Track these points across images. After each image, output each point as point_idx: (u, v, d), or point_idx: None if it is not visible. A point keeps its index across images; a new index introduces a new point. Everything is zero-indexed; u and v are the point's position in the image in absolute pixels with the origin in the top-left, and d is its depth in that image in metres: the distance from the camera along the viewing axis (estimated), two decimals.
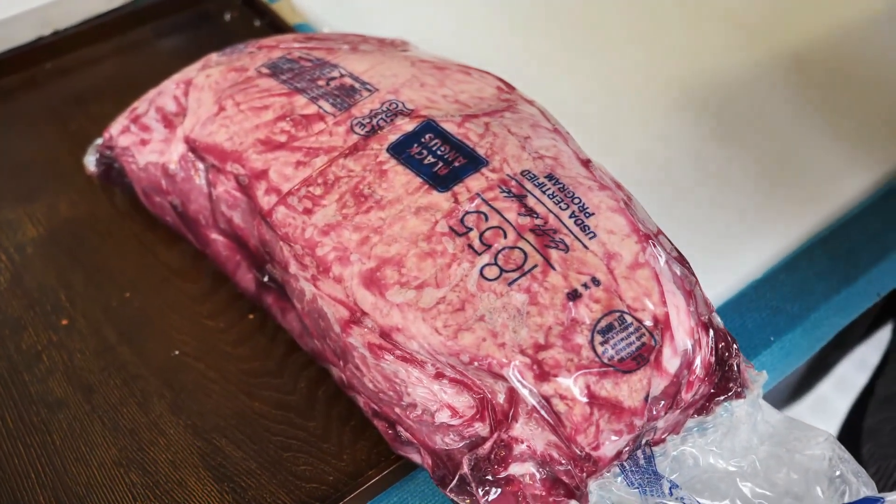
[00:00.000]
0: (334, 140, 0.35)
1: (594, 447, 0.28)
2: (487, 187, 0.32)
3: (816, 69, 0.50)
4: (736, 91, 0.49)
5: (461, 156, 0.33)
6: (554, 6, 0.55)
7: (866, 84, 0.49)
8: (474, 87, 0.38)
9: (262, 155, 0.36)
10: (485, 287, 0.29)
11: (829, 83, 0.50)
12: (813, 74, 0.50)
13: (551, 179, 0.32)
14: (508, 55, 0.52)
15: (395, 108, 0.36)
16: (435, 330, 0.29)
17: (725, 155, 0.46)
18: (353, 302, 0.31)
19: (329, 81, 0.38)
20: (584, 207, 0.31)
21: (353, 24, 0.52)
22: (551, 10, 0.55)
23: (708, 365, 0.31)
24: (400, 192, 0.32)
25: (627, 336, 0.28)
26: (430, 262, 0.30)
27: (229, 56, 0.42)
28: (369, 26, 0.52)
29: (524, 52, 0.53)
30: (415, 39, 0.45)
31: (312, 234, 0.33)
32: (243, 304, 0.40)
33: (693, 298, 0.31)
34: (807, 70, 0.51)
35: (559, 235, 0.30)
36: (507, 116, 0.35)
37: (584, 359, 0.28)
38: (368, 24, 0.52)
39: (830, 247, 0.42)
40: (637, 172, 0.44)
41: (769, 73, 0.50)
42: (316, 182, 0.34)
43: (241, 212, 0.37)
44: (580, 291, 0.29)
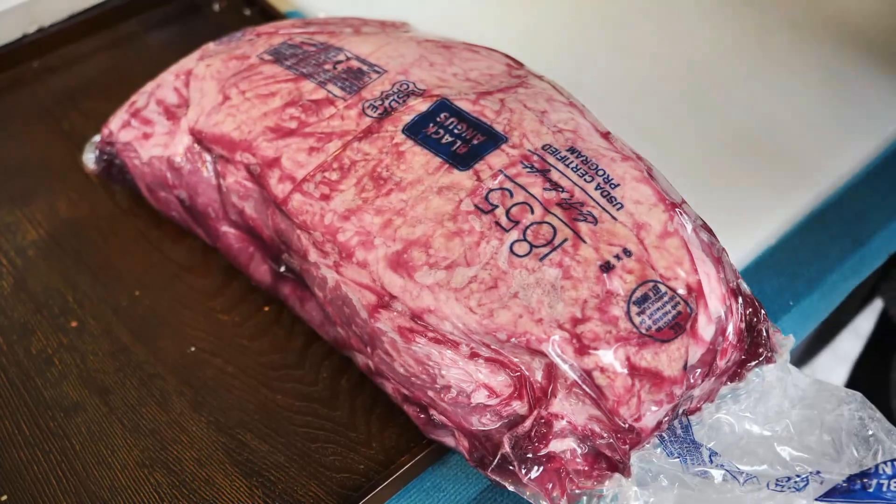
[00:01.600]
0: (347, 124, 0.35)
1: (636, 419, 0.28)
2: (510, 163, 0.31)
3: (817, 30, 0.51)
4: (741, 66, 0.49)
5: (479, 133, 0.33)
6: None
7: (868, 45, 0.50)
8: (483, 65, 0.37)
9: (273, 143, 0.35)
10: (516, 263, 0.29)
11: (831, 49, 0.50)
12: (814, 39, 0.50)
13: (573, 152, 0.32)
14: (499, 31, 0.51)
15: (406, 88, 0.35)
16: (469, 309, 0.28)
17: (733, 126, 0.46)
18: (381, 286, 0.30)
19: (336, 65, 0.37)
20: (609, 179, 0.31)
21: (345, 9, 0.51)
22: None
23: (739, 331, 0.31)
24: (420, 172, 0.32)
25: (663, 305, 0.28)
26: (457, 241, 0.30)
27: (227, 45, 0.42)
28: (363, 11, 0.51)
29: (507, 28, 0.52)
30: (411, 21, 0.45)
31: (332, 219, 0.32)
32: (258, 297, 0.39)
33: (722, 265, 0.31)
34: (807, 36, 0.51)
35: (587, 208, 0.30)
36: (520, 92, 0.35)
37: (622, 330, 0.27)
38: (362, 9, 0.52)
39: (842, 210, 0.42)
40: (647, 148, 0.44)
41: (773, 40, 0.50)
42: (331, 167, 0.33)
43: (253, 202, 0.36)
44: (613, 263, 0.29)
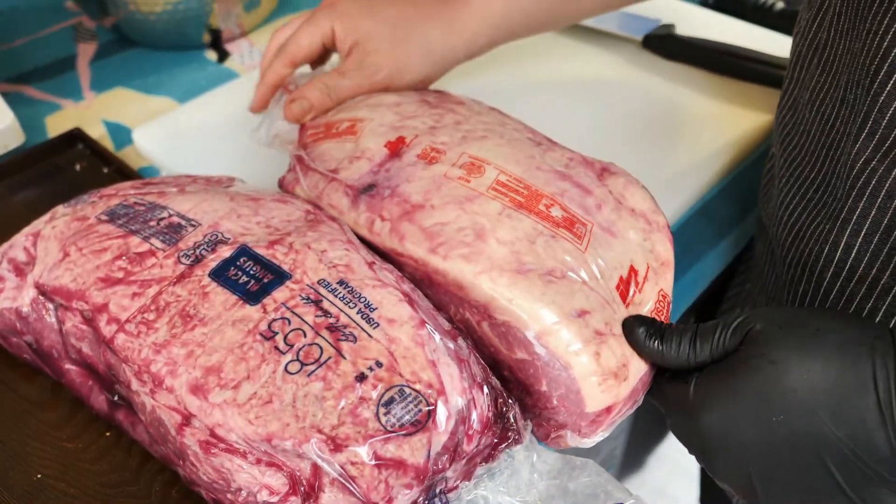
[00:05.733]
0: (164, 271, 0.41)
1: (388, 501, 0.34)
2: (291, 297, 0.38)
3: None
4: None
5: (269, 273, 0.40)
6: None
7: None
8: (284, 213, 0.45)
9: (103, 291, 0.41)
10: (289, 380, 0.35)
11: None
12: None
13: (342, 284, 0.39)
14: None
15: (215, 238, 0.42)
16: (249, 421, 0.35)
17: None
18: (184, 407, 0.36)
19: (159, 221, 0.44)
20: (369, 304, 0.38)
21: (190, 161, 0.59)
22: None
23: (485, 419, 0.38)
24: (219, 309, 0.39)
25: (407, 405, 0.35)
26: (243, 364, 0.36)
27: (74, 207, 0.48)
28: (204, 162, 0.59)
29: None
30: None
31: (148, 353, 0.38)
32: (100, 424, 0.45)
33: (467, 365, 0.38)
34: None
35: (349, 329, 0.37)
36: (308, 235, 0.42)
37: (370, 429, 0.34)
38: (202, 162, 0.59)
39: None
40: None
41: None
42: (149, 309, 0.40)
43: (88, 342, 0.42)
44: (366, 374, 0.36)
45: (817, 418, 0.33)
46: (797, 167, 0.47)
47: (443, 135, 0.47)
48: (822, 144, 0.44)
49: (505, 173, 0.44)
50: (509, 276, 0.40)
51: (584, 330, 0.39)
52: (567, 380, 0.39)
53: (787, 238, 0.47)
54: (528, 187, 0.43)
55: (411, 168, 0.45)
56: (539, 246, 0.41)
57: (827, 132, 0.44)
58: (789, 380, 0.33)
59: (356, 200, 0.44)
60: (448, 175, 0.43)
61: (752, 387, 0.34)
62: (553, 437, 0.43)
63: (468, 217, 0.42)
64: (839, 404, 0.32)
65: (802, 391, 0.33)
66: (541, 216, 0.42)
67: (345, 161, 0.47)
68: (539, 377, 0.41)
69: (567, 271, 0.40)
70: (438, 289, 0.42)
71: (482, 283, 0.39)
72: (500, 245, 0.40)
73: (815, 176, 0.45)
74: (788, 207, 0.47)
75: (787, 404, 0.33)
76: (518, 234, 0.41)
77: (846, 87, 0.42)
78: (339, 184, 0.45)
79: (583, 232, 0.42)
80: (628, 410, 0.42)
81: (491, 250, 0.40)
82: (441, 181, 0.43)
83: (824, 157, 0.44)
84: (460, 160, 0.44)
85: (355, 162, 0.46)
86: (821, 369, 0.33)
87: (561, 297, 0.40)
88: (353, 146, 0.48)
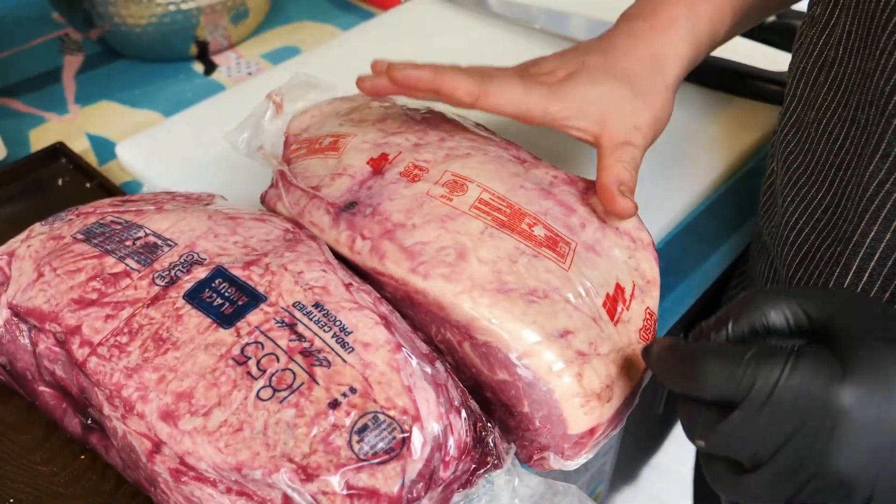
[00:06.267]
0: (139, 293, 0.41)
1: None
2: (265, 320, 0.38)
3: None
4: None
5: (244, 295, 0.39)
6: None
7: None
8: (262, 232, 0.44)
9: (76, 313, 0.41)
10: (260, 407, 0.35)
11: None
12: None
13: (317, 307, 0.38)
14: None
15: (191, 258, 0.42)
16: (218, 450, 0.34)
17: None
18: (154, 434, 0.36)
19: (135, 241, 0.43)
20: (344, 327, 0.37)
21: (174, 176, 0.58)
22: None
23: (463, 444, 0.37)
24: (193, 332, 0.38)
25: (380, 432, 0.34)
26: (214, 390, 0.35)
27: (51, 224, 0.48)
28: (187, 177, 0.58)
29: None
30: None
31: (119, 377, 0.38)
32: (75, 447, 0.44)
33: (444, 389, 0.37)
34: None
35: (323, 354, 0.36)
36: (286, 256, 0.42)
37: (342, 458, 0.33)
38: (187, 176, 0.58)
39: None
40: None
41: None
42: (122, 332, 0.39)
43: (61, 364, 0.42)
44: (339, 400, 0.35)
45: None
46: (803, 186, 0.46)
47: (426, 152, 0.46)
48: (830, 164, 0.43)
49: (488, 191, 0.43)
50: (490, 295, 0.39)
51: (567, 350, 0.39)
52: (549, 401, 0.39)
53: (795, 259, 0.46)
54: (511, 206, 0.43)
55: (393, 186, 0.44)
56: (521, 265, 0.40)
57: (836, 152, 0.43)
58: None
59: (337, 218, 0.43)
60: (430, 193, 0.43)
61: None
62: (536, 460, 0.42)
63: (450, 236, 0.41)
64: None
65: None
66: (523, 235, 0.41)
67: (326, 178, 0.46)
68: (521, 398, 0.40)
69: (550, 291, 0.40)
70: (419, 309, 0.41)
71: (463, 303, 0.39)
72: (482, 264, 0.40)
73: (824, 196, 0.44)
74: (795, 227, 0.46)
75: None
76: (500, 253, 0.40)
77: (857, 107, 0.40)
78: (320, 201, 0.45)
79: (566, 251, 0.41)
80: (612, 431, 0.41)
81: (472, 270, 0.40)
82: (423, 199, 0.43)
83: (833, 177, 0.43)
84: (443, 178, 0.44)
85: (337, 179, 0.45)
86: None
87: (543, 317, 0.39)
88: (335, 163, 0.47)
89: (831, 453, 0.29)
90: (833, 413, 0.29)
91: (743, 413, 0.30)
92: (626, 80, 0.46)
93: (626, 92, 0.45)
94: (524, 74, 0.48)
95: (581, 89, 0.45)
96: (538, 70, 0.48)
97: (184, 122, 0.63)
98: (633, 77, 0.46)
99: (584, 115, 0.45)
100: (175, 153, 0.60)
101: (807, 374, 0.29)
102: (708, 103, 0.65)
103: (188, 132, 0.62)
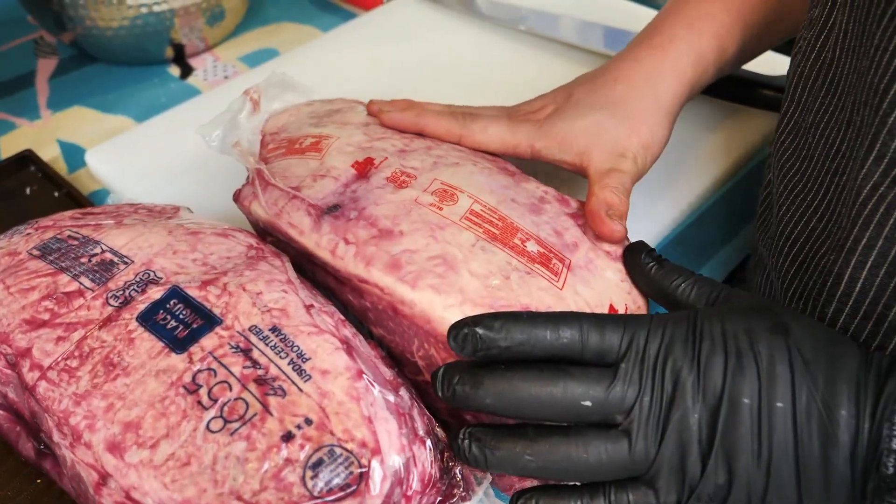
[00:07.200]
0: (91, 314, 0.39)
1: None
2: (219, 345, 0.36)
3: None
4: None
5: (199, 317, 0.37)
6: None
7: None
8: (224, 248, 0.42)
9: (27, 334, 0.39)
10: (210, 439, 0.33)
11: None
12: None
13: (274, 331, 0.36)
14: None
15: (147, 277, 0.40)
16: (164, 485, 0.32)
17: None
18: (101, 465, 0.34)
19: (91, 258, 0.42)
20: (302, 353, 0.36)
21: (144, 185, 0.56)
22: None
23: (427, 477, 0.35)
24: (144, 357, 0.36)
25: (336, 467, 0.32)
26: (163, 421, 0.34)
27: (9, 238, 0.46)
28: (158, 185, 0.56)
29: None
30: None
31: (67, 404, 0.36)
32: (31, 471, 0.42)
33: (408, 419, 0.36)
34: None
35: (278, 382, 0.34)
36: (245, 274, 0.40)
37: (294, 495, 0.32)
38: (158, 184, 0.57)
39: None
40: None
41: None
42: (73, 355, 0.37)
43: (14, 387, 0.40)
44: (294, 433, 0.33)
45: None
46: (798, 194, 0.44)
47: (413, 159, 0.44)
48: (826, 170, 0.41)
49: (479, 203, 0.41)
50: (482, 311, 0.37)
51: None
52: None
53: (790, 269, 0.45)
54: (503, 219, 0.41)
55: (380, 190, 0.42)
56: (514, 281, 0.38)
57: (832, 157, 0.41)
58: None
59: (319, 220, 0.42)
60: (419, 200, 0.41)
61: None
62: (517, 487, 0.41)
63: (439, 246, 0.39)
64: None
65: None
66: (515, 250, 0.40)
67: (308, 178, 0.44)
68: (507, 421, 0.38)
69: (542, 309, 0.38)
70: (403, 321, 0.39)
71: (453, 318, 0.37)
72: (473, 278, 0.38)
73: (819, 203, 0.42)
74: (790, 237, 0.44)
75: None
76: (492, 267, 0.39)
77: (853, 109, 0.39)
78: (301, 202, 0.43)
79: (559, 268, 0.40)
80: None
81: (463, 282, 0.38)
82: (411, 206, 0.41)
83: (829, 183, 0.41)
84: (432, 186, 0.42)
85: (319, 180, 0.44)
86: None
87: None
88: (317, 164, 0.45)
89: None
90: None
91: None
92: (612, 107, 0.47)
93: (610, 121, 0.47)
94: (512, 113, 0.49)
95: (564, 124, 0.47)
96: (528, 108, 0.50)
97: (155, 127, 0.61)
98: (619, 104, 0.47)
99: (567, 149, 0.46)
100: (146, 160, 0.58)
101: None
102: (702, 111, 0.63)
103: (160, 138, 0.60)
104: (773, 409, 0.31)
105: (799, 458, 0.31)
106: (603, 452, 0.32)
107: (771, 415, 0.31)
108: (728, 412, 0.31)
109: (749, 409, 0.31)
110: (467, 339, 0.33)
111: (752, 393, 0.31)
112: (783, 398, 0.31)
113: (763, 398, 0.31)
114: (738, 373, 0.32)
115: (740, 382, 0.31)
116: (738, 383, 0.31)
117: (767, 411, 0.31)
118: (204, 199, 0.54)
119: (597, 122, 0.46)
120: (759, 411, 0.31)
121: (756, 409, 0.31)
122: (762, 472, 0.31)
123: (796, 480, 0.31)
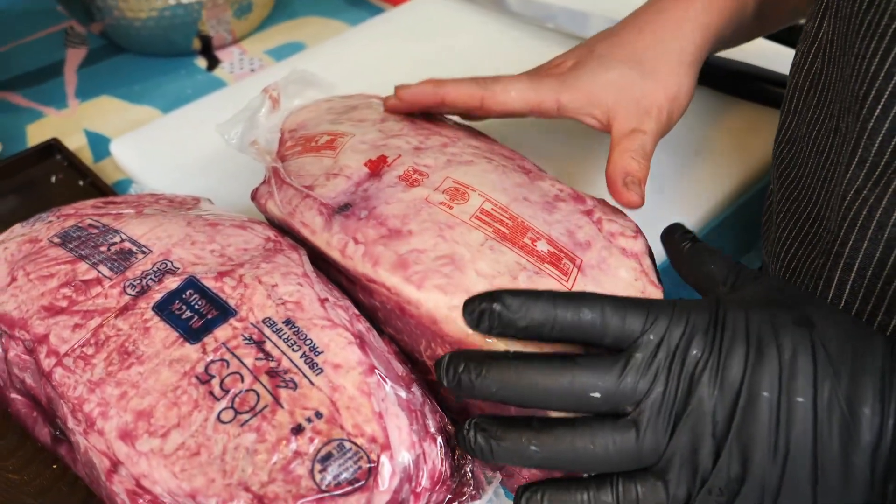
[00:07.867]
0: (109, 302, 0.39)
1: None
2: (232, 336, 0.36)
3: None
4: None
5: (214, 308, 0.37)
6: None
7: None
8: (242, 240, 0.42)
9: (45, 321, 0.39)
10: (220, 430, 0.33)
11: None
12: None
13: (288, 324, 0.36)
14: None
15: (164, 267, 0.40)
16: (173, 474, 0.32)
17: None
18: (113, 453, 0.34)
19: (110, 247, 0.42)
20: (314, 346, 0.35)
21: (168, 175, 0.57)
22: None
23: (437, 474, 0.35)
24: (158, 346, 0.36)
25: (345, 462, 0.32)
26: (175, 410, 0.34)
27: (31, 226, 0.46)
28: (181, 176, 0.56)
29: None
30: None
31: (82, 391, 0.36)
32: (47, 456, 0.43)
33: (419, 415, 0.35)
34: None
35: (290, 375, 0.34)
36: (262, 267, 0.40)
37: (302, 488, 0.31)
38: (181, 175, 0.57)
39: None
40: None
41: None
42: (89, 343, 0.38)
43: (31, 373, 0.40)
44: (304, 426, 0.33)
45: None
46: (794, 201, 0.44)
47: (427, 157, 0.44)
48: (818, 177, 0.42)
49: (490, 201, 0.41)
50: None
51: None
52: None
53: (784, 275, 0.45)
54: (514, 218, 0.40)
55: (391, 189, 0.42)
56: (521, 281, 0.38)
57: (822, 164, 0.41)
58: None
59: (330, 220, 0.41)
60: (429, 199, 0.41)
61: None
62: None
63: (447, 245, 0.39)
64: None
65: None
66: (525, 250, 0.39)
67: (321, 177, 0.44)
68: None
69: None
70: (410, 320, 0.39)
71: (458, 318, 0.36)
72: (480, 277, 0.38)
73: (812, 210, 0.42)
74: (785, 244, 0.44)
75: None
76: (500, 267, 0.38)
77: (839, 116, 0.39)
78: (313, 201, 0.43)
79: (569, 268, 0.39)
80: None
81: (469, 282, 0.37)
82: (421, 205, 0.41)
83: (820, 190, 0.41)
84: (443, 184, 0.42)
85: (332, 179, 0.44)
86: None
87: None
88: (331, 162, 0.45)
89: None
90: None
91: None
92: (636, 61, 0.46)
93: (635, 75, 0.45)
94: (532, 73, 0.48)
95: (590, 76, 0.45)
96: (547, 66, 0.48)
97: (180, 119, 0.61)
98: (643, 57, 0.46)
99: (595, 104, 0.45)
100: (170, 151, 0.59)
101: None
102: (719, 112, 0.62)
103: (184, 130, 0.60)
104: (792, 403, 0.30)
105: (817, 454, 0.30)
106: (610, 443, 0.31)
107: (790, 409, 0.30)
108: (746, 404, 0.30)
109: (768, 403, 0.30)
110: (483, 316, 0.33)
111: (771, 386, 0.30)
112: (804, 393, 0.30)
113: (783, 392, 0.30)
114: (758, 365, 0.31)
115: (760, 375, 0.30)
116: (758, 375, 0.30)
117: (787, 405, 0.30)
118: (226, 193, 0.54)
119: (622, 75, 0.45)
120: (778, 405, 0.30)
121: (775, 403, 0.30)
122: (777, 467, 0.30)
123: (812, 478, 0.30)
